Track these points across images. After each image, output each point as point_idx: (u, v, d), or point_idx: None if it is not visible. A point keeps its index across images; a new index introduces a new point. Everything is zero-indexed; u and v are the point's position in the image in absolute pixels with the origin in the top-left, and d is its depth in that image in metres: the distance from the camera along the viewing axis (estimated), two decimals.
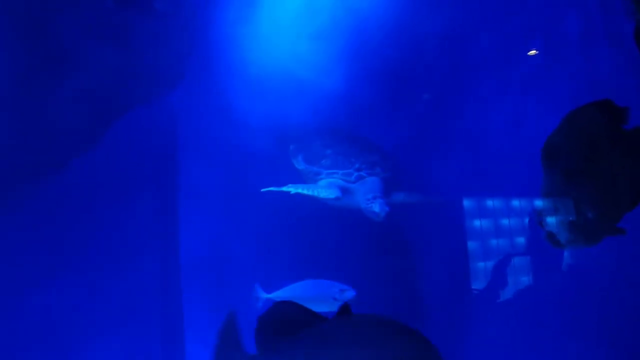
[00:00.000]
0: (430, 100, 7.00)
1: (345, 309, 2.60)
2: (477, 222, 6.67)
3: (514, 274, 6.48)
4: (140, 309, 6.75)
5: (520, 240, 6.69)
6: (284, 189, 5.62)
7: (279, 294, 5.46)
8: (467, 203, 6.73)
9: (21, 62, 5.42)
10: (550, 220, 2.75)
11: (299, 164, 6.03)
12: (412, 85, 6.71)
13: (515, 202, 6.83)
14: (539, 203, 2.84)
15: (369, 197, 5.49)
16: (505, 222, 6.73)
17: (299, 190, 5.57)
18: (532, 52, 6.64)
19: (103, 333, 6.53)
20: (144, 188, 6.93)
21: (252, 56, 6.05)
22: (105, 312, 6.60)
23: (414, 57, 6.37)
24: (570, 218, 2.73)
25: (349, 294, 4.95)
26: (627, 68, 5.59)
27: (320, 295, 5.06)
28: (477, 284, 6.57)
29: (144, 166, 6.93)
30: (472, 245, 6.56)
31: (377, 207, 5.34)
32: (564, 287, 6.01)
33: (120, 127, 6.26)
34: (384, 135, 6.71)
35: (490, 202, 6.82)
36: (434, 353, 2.29)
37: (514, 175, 5.89)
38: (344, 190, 5.69)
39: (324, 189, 5.65)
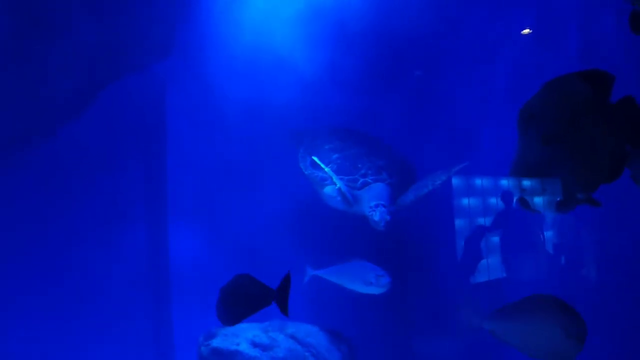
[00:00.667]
0: (423, 77, 6.95)
1: None
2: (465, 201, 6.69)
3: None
4: (129, 275, 6.93)
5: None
6: (327, 169, 5.59)
7: (324, 272, 5.49)
8: (455, 181, 6.76)
9: (10, 29, 5.41)
10: (524, 183, 2.71)
11: (307, 168, 5.82)
12: (403, 62, 6.67)
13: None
14: (512, 167, 2.77)
15: (371, 205, 5.30)
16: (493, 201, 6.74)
17: (335, 180, 5.49)
18: (526, 30, 6.55)
19: (94, 297, 6.74)
20: (133, 156, 7.00)
21: (240, 33, 6.03)
22: (96, 275, 6.78)
23: (405, 33, 6.29)
24: (544, 183, 2.71)
25: (385, 280, 4.96)
26: (624, 51, 5.54)
27: (358, 278, 5.11)
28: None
29: (133, 134, 6.99)
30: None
31: (377, 216, 5.19)
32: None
33: (109, 94, 6.30)
34: (375, 114, 6.77)
35: (479, 182, 6.83)
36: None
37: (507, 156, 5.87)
38: (354, 199, 5.50)
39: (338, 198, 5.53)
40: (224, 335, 5.28)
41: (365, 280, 4.98)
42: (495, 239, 6.54)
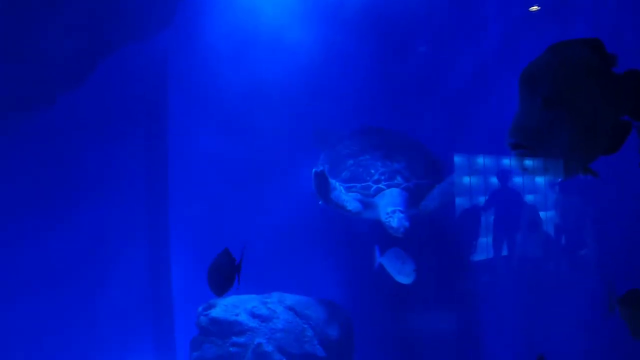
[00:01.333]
0: (427, 52, 6.88)
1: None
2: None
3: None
4: (128, 241, 6.96)
5: None
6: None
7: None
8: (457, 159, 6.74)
9: None
10: (525, 143, 2.55)
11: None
12: (408, 37, 6.60)
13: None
14: (511, 128, 2.60)
15: (388, 212, 5.04)
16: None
17: (339, 194, 5.29)
18: (534, 8, 6.45)
19: (93, 264, 6.78)
20: (134, 126, 6.96)
21: (242, 3, 5.95)
22: (94, 239, 6.81)
23: (412, 9, 6.22)
24: (543, 147, 2.56)
25: (409, 267, 4.84)
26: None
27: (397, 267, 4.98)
28: None
29: (134, 103, 6.93)
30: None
31: (394, 222, 4.92)
32: None
33: (110, 63, 6.22)
34: (377, 88, 6.74)
35: (480, 160, 6.79)
36: None
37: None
38: (365, 205, 5.30)
39: (350, 201, 5.31)
40: (224, 306, 5.33)
41: (398, 270, 4.94)
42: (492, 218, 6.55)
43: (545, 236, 6.17)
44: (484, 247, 6.39)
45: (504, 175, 6.29)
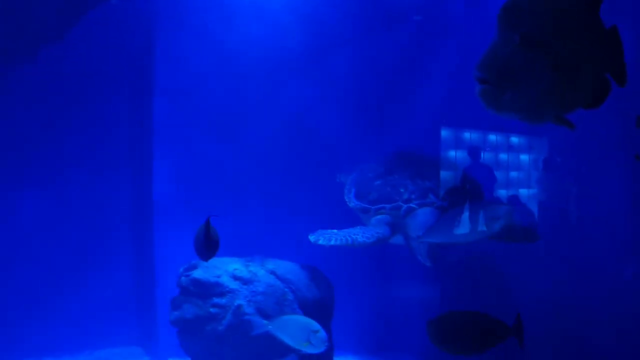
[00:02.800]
0: (422, 21, 6.76)
1: None
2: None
3: None
4: (111, 201, 6.92)
5: None
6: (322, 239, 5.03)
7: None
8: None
9: None
10: (491, 79, 2.35)
11: (351, 201, 5.38)
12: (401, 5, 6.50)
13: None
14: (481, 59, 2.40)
15: (420, 235, 4.68)
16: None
17: (333, 243, 4.92)
18: None
19: (77, 226, 6.75)
20: (119, 82, 6.84)
21: None
22: (78, 198, 6.76)
23: None
24: (512, 86, 2.36)
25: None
26: None
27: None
28: None
29: (119, 59, 6.79)
30: None
31: (425, 251, 4.57)
32: None
33: (95, 17, 6.05)
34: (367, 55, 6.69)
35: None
36: None
37: None
38: (394, 227, 4.89)
39: (360, 234, 4.88)
40: (205, 267, 5.32)
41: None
42: None
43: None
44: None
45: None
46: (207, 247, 3.90)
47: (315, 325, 4.33)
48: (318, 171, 6.55)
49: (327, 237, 4.95)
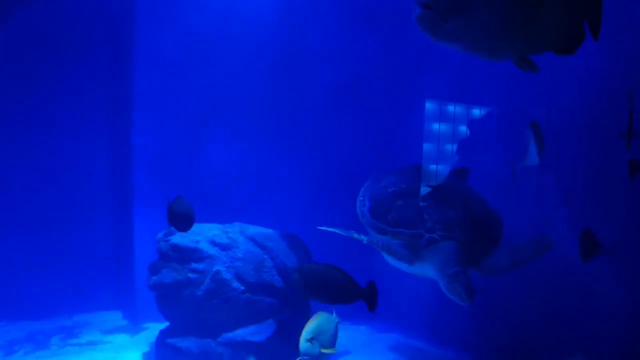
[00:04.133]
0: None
1: None
2: None
3: None
4: (90, 162, 6.86)
5: None
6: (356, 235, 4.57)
7: None
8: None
9: None
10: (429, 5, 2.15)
11: (364, 216, 4.83)
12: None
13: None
14: None
15: (449, 274, 4.16)
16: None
17: (371, 242, 4.51)
18: None
19: (55, 189, 6.68)
20: (99, 42, 6.70)
21: None
22: (56, 172, 6.70)
23: None
24: (466, 12, 2.14)
25: None
26: None
27: None
28: None
29: (99, 19, 6.64)
30: None
31: (464, 291, 4.05)
32: None
33: None
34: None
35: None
36: None
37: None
38: (413, 255, 4.42)
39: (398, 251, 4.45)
40: (184, 233, 5.33)
41: None
42: None
43: None
44: None
45: None
46: (181, 220, 4.12)
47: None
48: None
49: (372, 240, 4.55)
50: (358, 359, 5.60)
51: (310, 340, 3.97)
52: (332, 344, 4.25)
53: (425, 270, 4.40)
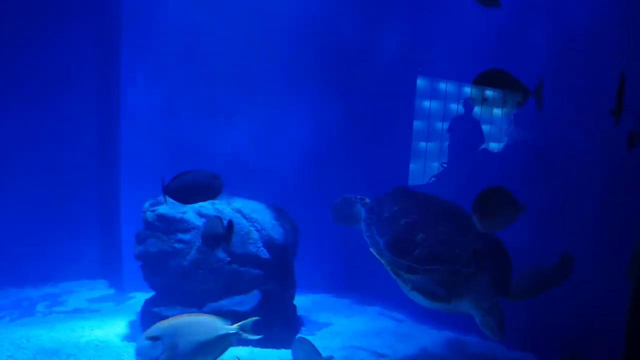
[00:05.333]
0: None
1: None
2: None
3: None
4: (78, 129, 6.81)
5: None
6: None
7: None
8: None
9: None
10: None
11: (383, 255, 4.37)
12: None
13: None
14: None
15: (484, 307, 3.94)
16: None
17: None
18: None
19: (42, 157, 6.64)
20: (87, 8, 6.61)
21: None
22: (41, 139, 6.65)
23: None
24: None
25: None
26: None
27: None
28: None
29: None
30: None
31: (496, 324, 3.85)
32: None
33: None
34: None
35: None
36: None
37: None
38: (451, 294, 4.09)
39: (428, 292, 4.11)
40: (171, 203, 5.32)
41: None
42: None
43: None
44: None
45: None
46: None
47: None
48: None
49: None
50: (341, 328, 5.71)
51: (153, 339, 3.49)
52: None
53: (462, 306, 4.10)
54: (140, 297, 5.64)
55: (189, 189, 4.04)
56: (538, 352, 4.98)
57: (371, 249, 4.42)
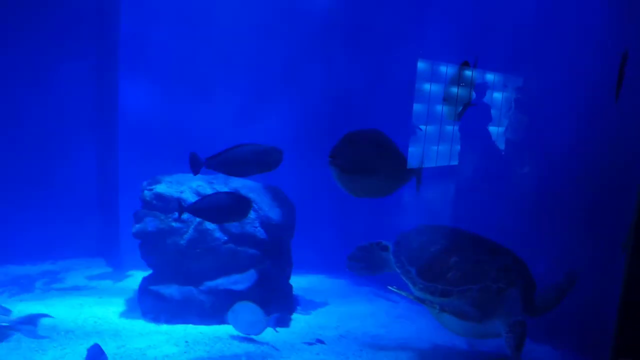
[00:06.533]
0: None
1: None
2: None
3: None
4: (74, 113, 6.80)
5: None
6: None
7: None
8: None
9: None
10: None
11: (415, 282, 4.40)
12: None
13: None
14: None
15: (510, 323, 3.97)
16: None
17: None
18: None
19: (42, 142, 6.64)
20: None
21: None
22: (39, 114, 6.63)
23: None
24: None
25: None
26: None
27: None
28: None
29: None
30: None
31: (514, 343, 3.87)
32: None
33: None
34: None
35: None
36: None
37: None
38: (483, 313, 4.08)
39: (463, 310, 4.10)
40: (169, 182, 5.36)
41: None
42: None
43: None
44: None
45: None
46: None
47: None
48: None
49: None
50: (336, 308, 5.77)
51: None
52: None
53: (494, 326, 4.10)
54: (137, 276, 5.69)
55: (242, 163, 4.27)
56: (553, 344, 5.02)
57: (404, 278, 4.49)
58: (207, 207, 4.46)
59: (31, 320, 4.80)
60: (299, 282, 5.95)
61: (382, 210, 6.14)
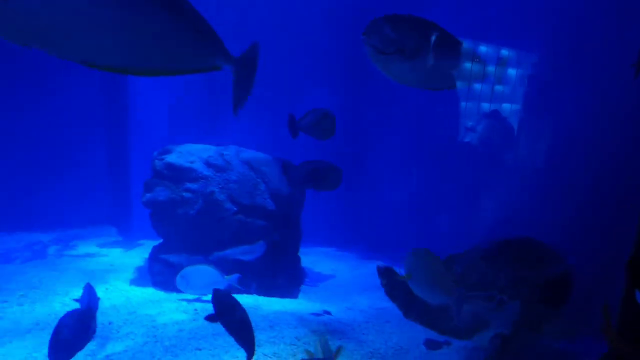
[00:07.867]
0: None
1: None
2: None
3: None
4: (85, 86, 6.79)
5: None
6: None
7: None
8: None
9: None
10: None
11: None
12: None
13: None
14: None
15: (495, 334, 3.98)
16: None
17: None
18: None
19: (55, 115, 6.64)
20: None
21: None
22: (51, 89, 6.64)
23: None
24: None
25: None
26: None
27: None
28: None
29: None
30: None
31: (487, 354, 3.88)
32: None
33: None
34: None
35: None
36: None
37: None
38: (483, 323, 4.01)
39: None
40: (179, 153, 5.37)
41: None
42: None
43: None
44: None
45: None
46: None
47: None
48: None
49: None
50: (344, 280, 5.81)
51: None
52: None
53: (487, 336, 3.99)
54: (148, 245, 5.76)
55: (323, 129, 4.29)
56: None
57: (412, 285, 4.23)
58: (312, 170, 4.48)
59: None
60: (308, 254, 5.99)
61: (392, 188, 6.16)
